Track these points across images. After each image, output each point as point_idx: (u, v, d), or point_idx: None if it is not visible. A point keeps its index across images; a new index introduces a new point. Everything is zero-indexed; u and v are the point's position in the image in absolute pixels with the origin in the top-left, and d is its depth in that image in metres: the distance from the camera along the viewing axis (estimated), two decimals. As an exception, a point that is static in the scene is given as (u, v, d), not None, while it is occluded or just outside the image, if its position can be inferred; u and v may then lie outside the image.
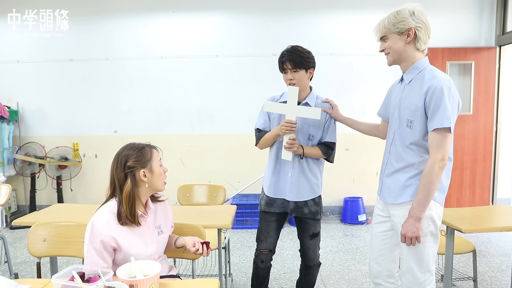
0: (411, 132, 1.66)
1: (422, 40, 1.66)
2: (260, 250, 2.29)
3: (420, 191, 1.61)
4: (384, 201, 1.81)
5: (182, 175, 4.68)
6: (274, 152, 2.25)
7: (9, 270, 2.87)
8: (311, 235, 2.25)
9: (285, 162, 2.19)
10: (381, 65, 4.72)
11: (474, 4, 4.56)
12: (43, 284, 1.38)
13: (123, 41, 4.70)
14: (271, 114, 2.25)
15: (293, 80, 2.11)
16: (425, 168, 1.61)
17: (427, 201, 1.60)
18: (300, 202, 2.21)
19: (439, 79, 1.58)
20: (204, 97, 4.73)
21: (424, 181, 1.60)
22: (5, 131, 4.57)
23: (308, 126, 2.18)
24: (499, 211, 2.54)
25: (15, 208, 4.86)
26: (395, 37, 1.68)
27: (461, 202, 4.59)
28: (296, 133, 2.14)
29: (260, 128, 2.29)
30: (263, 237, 2.28)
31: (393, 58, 1.73)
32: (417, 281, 1.69)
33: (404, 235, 1.64)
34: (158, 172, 1.60)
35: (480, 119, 4.54)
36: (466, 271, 3.13)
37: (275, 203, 2.24)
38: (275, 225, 2.27)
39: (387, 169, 1.80)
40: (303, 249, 2.31)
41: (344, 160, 4.68)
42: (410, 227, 1.61)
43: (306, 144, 2.20)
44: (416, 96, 1.64)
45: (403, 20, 1.63)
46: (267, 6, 4.61)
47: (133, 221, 1.53)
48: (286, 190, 2.21)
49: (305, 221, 2.24)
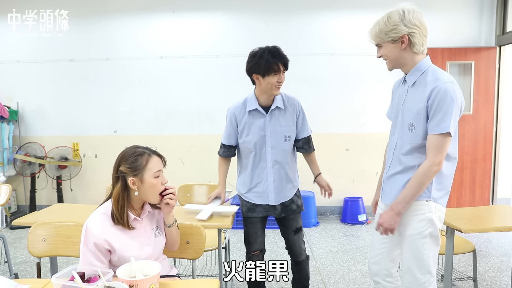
0: (412, 136, 1.64)
1: (418, 43, 1.60)
2: (251, 253, 2.28)
3: (409, 188, 1.61)
4: (385, 202, 1.81)
5: (182, 175, 4.67)
6: (251, 159, 2.21)
7: (9, 270, 2.87)
8: (294, 230, 2.27)
9: (262, 167, 2.20)
10: (381, 65, 4.69)
11: (474, 4, 4.55)
12: (43, 284, 1.38)
13: (123, 41, 4.70)
14: (239, 122, 2.20)
15: (281, 83, 2.06)
16: (420, 168, 1.60)
17: (413, 199, 1.62)
18: (286, 202, 2.23)
19: (443, 81, 1.54)
20: (204, 97, 4.73)
21: (416, 180, 1.60)
22: (5, 131, 4.57)
23: (281, 128, 2.18)
24: (499, 211, 2.54)
25: (15, 208, 4.86)
26: (389, 45, 1.63)
27: (461, 202, 4.59)
28: (272, 136, 2.16)
29: (225, 143, 2.28)
30: (253, 239, 2.27)
31: (392, 64, 1.70)
32: (417, 282, 1.68)
33: (380, 225, 1.67)
34: (149, 183, 1.51)
35: (480, 119, 4.54)
36: (466, 271, 3.12)
37: (257, 208, 2.24)
38: (261, 225, 2.29)
39: (389, 170, 1.78)
40: (289, 246, 2.32)
41: (344, 160, 4.68)
42: (389, 219, 1.64)
43: (284, 146, 2.20)
44: (419, 99, 1.60)
45: (394, 28, 1.57)
46: (267, 6, 4.61)
47: (123, 223, 1.50)
48: (270, 195, 2.21)
49: (288, 218, 2.26)
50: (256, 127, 2.17)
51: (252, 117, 2.18)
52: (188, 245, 1.80)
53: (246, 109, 2.18)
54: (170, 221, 1.65)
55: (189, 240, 1.80)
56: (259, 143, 2.18)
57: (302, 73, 4.57)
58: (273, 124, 2.16)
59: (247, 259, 2.30)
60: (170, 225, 1.65)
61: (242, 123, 2.19)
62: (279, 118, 2.18)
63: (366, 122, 4.64)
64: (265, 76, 2.03)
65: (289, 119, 2.19)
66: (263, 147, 2.18)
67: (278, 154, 2.19)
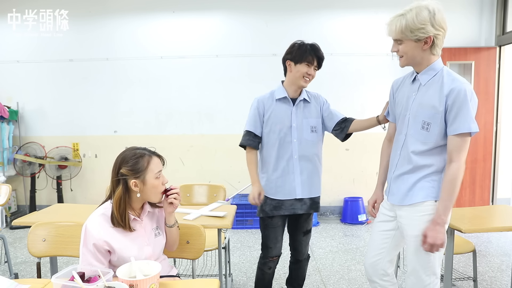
0: (427, 134, 1.62)
1: (439, 46, 1.59)
2: (269, 258, 2.22)
3: (446, 196, 1.58)
4: (392, 203, 1.78)
5: (182, 175, 4.67)
6: (276, 151, 2.13)
7: (9, 270, 2.87)
8: (305, 231, 2.25)
9: (288, 160, 2.12)
10: (381, 65, 4.75)
11: (474, 4, 4.56)
12: (43, 284, 1.38)
13: (123, 41, 4.70)
14: (266, 110, 2.15)
15: (311, 76, 2.10)
16: (450, 173, 1.57)
17: (452, 204, 1.59)
18: (316, 198, 2.20)
19: (461, 82, 1.55)
20: (204, 97, 4.73)
21: (449, 185, 1.57)
22: (5, 131, 4.57)
23: (307, 120, 2.15)
24: (499, 211, 2.54)
25: (15, 208, 4.86)
26: (411, 43, 1.58)
27: (461, 202, 4.59)
28: (298, 128, 2.12)
29: (251, 130, 2.16)
30: (272, 244, 2.19)
31: (407, 62, 1.66)
32: (422, 284, 1.67)
33: (432, 244, 1.57)
34: (151, 184, 1.51)
35: (480, 119, 4.54)
36: (466, 271, 3.12)
37: (283, 205, 2.15)
38: (281, 229, 2.22)
39: (397, 170, 1.76)
40: (294, 245, 2.29)
41: (344, 160, 4.68)
42: (438, 234, 1.57)
43: (311, 137, 2.15)
44: (435, 98, 1.58)
45: (422, 28, 1.52)
46: (267, 6, 4.61)
47: (124, 226, 1.50)
48: (297, 189, 2.13)
49: (301, 218, 2.22)
50: (282, 117, 2.13)
51: (279, 107, 2.14)
52: (188, 245, 1.80)
53: (274, 98, 2.15)
54: (172, 222, 1.65)
55: (189, 240, 1.80)
56: (285, 133, 2.12)
57: (302, 73, 4.57)
58: (299, 115, 2.14)
59: (261, 263, 2.26)
60: (171, 225, 1.65)
61: (269, 112, 2.14)
62: (305, 110, 2.16)
63: (366, 122, 4.63)
64: (297, 64, 2.07)
65: (313, 111, 2.18)
66: (289, 138, 2.12)
67: (304, 146, 2.14)
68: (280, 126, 2.12)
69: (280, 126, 2.12)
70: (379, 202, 1.94)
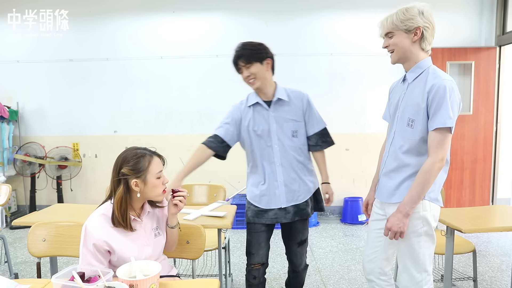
0: (411, 132, 1.66)
1: (427, 40, 1.64)
2: (251, 265, 2.11)
3: (414, 188, 1.61)
4: (380, 199, 1.82)
5: (182, 175, 4.67)
6: (258, 157, 2.06)
7: (9, 270, 2.87)
8: (299, 242, 2.15)
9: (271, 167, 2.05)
10: (381, 65, 4.75)
11: (474, 4, 4.56)
12: (43, 284, 1.38)
13: (123, 41, 4.70)
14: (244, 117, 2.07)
15: (250, 76, 1.97)
16: (424, 167, 1.60)
17: (419, 198, 1.61)
18: (301, 204, 2.08)
19: (442, 78, 1.58)
20: (204, 97, 4.73)
21: (420, 179, 1.60)
22: (5, 131, 4.57)
23: (287, 123, 2.03)
24: (499, 211, 2.54)
25: (15, 208, 4.86)
26: (401, 34, 1.65)
27: (461, 202, 4.59)
28: (277, 132, 2.03)
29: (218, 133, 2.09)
30: (254, 250, 2.09)
31: (398, 56, 1.70)
32: (413, 281, 1.69)
33: (389, 229, 1.64)
34: (152, 184, 1.52)
35: (480, 119, 4.54)
36: (466, 271, 3.12)
37: (266, 214, 2.07)
38: (265, 235, 2.10)
39: (385, 167, 1.80)
40: (289, 256, 2.21)
41: (344, 160, 4.68)
42: (397, 222, 1.62)
43: (291, 142, 2.04)
44: (419, 95, 1.62)
45: (412, 18, 1.61)
46: (267, 6, 4.61)
47: (125, 226, 1.50)
48: (281, 197, 2.05)
49: (294, 226, 2.12)
50: (260, 122, 2.04)
51: (256, 113, 2.06)
52: (188, 245, 1.80)
53: (247, 105, 2.09)
54: (174, 223, 1.66)
55: (189, 240, 1.80)
56: (265, 139, 2.04)
57: (302, 73, 4.57)
58: (278, 118, 2.03)
59: (247, 271, 2.15)
60: (173, 226, 1.66)
61: (247, 119, 2.06)
62: (284, 112, 2.04)
63: (366, 122, 4.64)
64: (240, 74, 2.06)
65: (295, 113, 2.05)
66: (270, 144, 2.04)
67: (286, 152, 2.04)
68: (260, 132, 2.05)
69: (260, 132, 2.05)
70: (371, 203, 1.96)
